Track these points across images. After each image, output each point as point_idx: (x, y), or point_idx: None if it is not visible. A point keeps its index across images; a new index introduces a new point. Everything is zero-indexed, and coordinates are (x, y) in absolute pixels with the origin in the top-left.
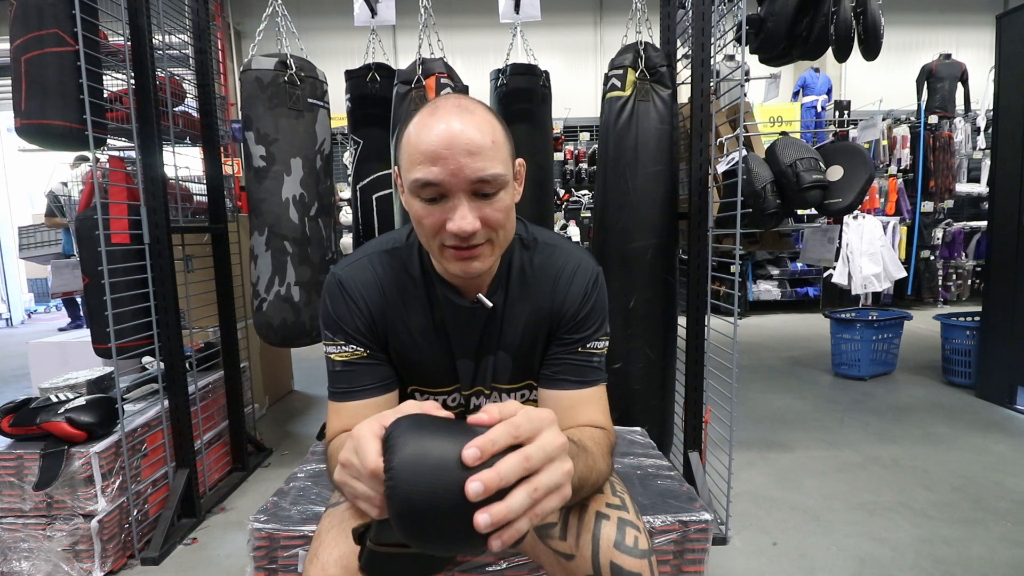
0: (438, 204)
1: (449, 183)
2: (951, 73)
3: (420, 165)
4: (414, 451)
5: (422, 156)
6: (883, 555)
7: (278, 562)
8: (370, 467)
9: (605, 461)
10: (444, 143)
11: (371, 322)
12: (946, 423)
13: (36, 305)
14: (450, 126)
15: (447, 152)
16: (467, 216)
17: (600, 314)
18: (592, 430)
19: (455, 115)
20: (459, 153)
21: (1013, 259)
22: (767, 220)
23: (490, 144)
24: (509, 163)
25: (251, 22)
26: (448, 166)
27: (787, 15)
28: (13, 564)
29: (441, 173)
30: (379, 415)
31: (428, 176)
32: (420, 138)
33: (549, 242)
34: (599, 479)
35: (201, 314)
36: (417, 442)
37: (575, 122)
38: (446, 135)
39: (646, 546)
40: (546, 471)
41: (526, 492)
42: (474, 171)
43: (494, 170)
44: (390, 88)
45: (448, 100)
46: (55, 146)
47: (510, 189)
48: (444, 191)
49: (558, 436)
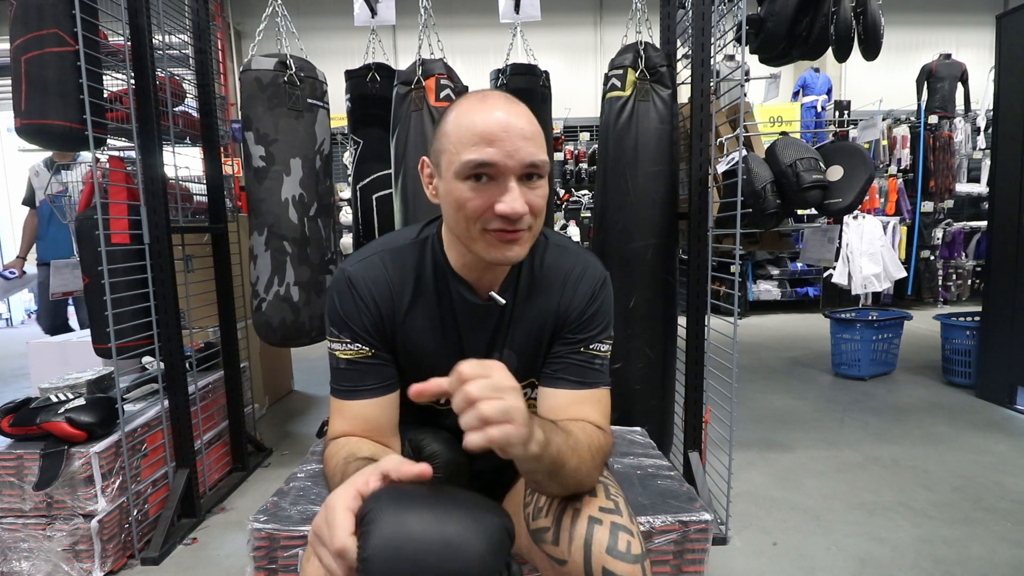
0: (486, 186)
1: (504, 164)
2: (951, 73)
3: (475, 146)
4: (392, 537)
5: (477, 137)
6: (883, 555)
7: (278, 562)
8: (336, 546)
9: (591, 454)
10: (501, 126)
11: (379, 321)
12: (946, 423)
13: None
14: (505, 112)
15: (504, 135)
16: (519, 198)
17: (605, 317)
18: (583, 423)
19: (505, 104)
20: (515, 136)
21: (1013, 259)
22: (767, 220)
23: (538, 133)
24: (549, 155)
25: (251, 22)
26: (504, 147)
27: (787, 15)
28: (13, 564)
29: (497, 154)
30: (356, 479)
31: (484, 156)
32: (474, 121)
33: (559, 243)
34: (583, 469)
35: (201, 314)
36: (395, 527)
37: (575, 122)
38: (503, 120)
39: (639, 551)
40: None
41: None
42: (528, 154)
43: (543, 156)
44: (390, 88)
45: (494, 92)
46: (55, 146)
47: (548, 180)
48: (497, 172)
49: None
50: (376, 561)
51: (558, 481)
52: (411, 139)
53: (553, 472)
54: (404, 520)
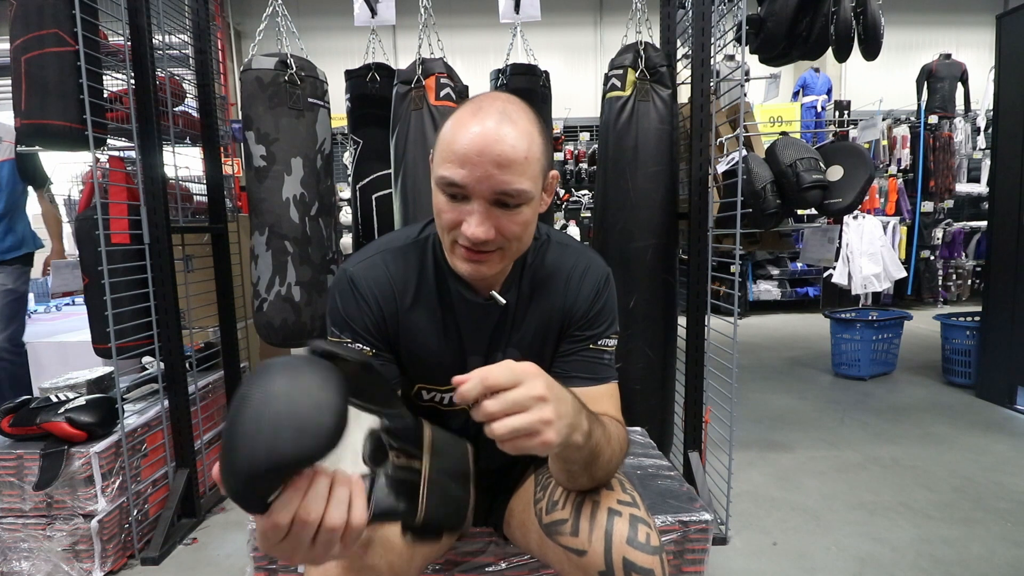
0: (459, 204)
1: (472, 188)
2: (951, 73)
3: (449, 163)
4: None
5: (453, 155)
6: (883, 555)
7: (278, 562)
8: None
9: (620, 446)
10: (476, 149)
11: (380, 321)
12: (946, 423)
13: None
14: (487, 132)
15: (477, 159)
16: (483, 224)
17: (610, 313)
18: (608, 416)
19: (495, 121)
20: (488, 162)
21: (1013, 259)
22: (767, 220)
23: (522, 159)
24: (539, 178)
25: (251, 22)
26: (475, 172)
27: (787, 15)
28: (13, 564)
29: (467, 177)
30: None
31: (454, 177)
32: (455, 136)
33: (561, 241)
34: (614, 461)
35: (201, 314)
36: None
37: (575, 122)
38: (480, 141)
39: (657, 543)
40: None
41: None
42: (500, 183)
43: (519, 185)
44: (390, 88)
45: (494, 103)
46: (55, 146)
47: (534, 204)
48: (466, 194)
49: (537, 388)
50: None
51: (590, 473)
52: (411, 138)
53: (589, 463)
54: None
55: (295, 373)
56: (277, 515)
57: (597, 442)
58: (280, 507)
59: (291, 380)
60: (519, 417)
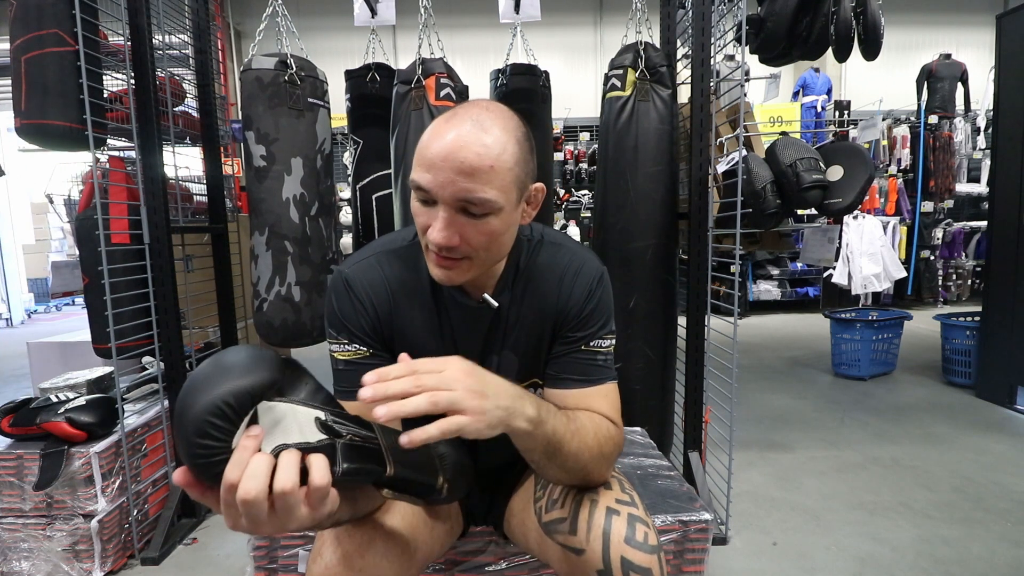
0: (429, 208)
1: (436, 194)
2: (951, 73)
3: (419, 167)
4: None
5: (423, 160)
6: (883, 555)
7: (278, 562)
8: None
9: (598, 442)
10: (442, 155)
11: (376, 322)
12: (946, 423)
13: (36, 305)
14: (455, 139)
15: (442, 164)
16: (445, 230)
17: (604, 313)
18: (591, 413)
19: (466, 129)
20: (451, 168)
21: (1013, 259)
22: (767, 220)
23: (487, 168)
24: (511, 189)
25: (251, 22)
26: (438, 178)
27: (787, 15)
28: (13, 564)
29: (432, 182)
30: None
31: (421, 181)
32: (429, 142)
33: (554, 241)
34: (586, 455)
35: (201, 314)
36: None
37: (575, 122)
38: (446, 148)
39: (655, 542)
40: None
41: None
42: (461, 190)
43: (483, 195)
44: (390, 88)
45: (470, 110)
46: (55, 146)
47: (505, 215)
48: (432, 198)
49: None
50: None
51: (558, 463)
52: (411, 138)
53: (550, 453)
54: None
55: (232, 348)
56: (230, 475)
57: (554, 431)
58: (231, 467)
59: (227, 350)
60: (428, 395)
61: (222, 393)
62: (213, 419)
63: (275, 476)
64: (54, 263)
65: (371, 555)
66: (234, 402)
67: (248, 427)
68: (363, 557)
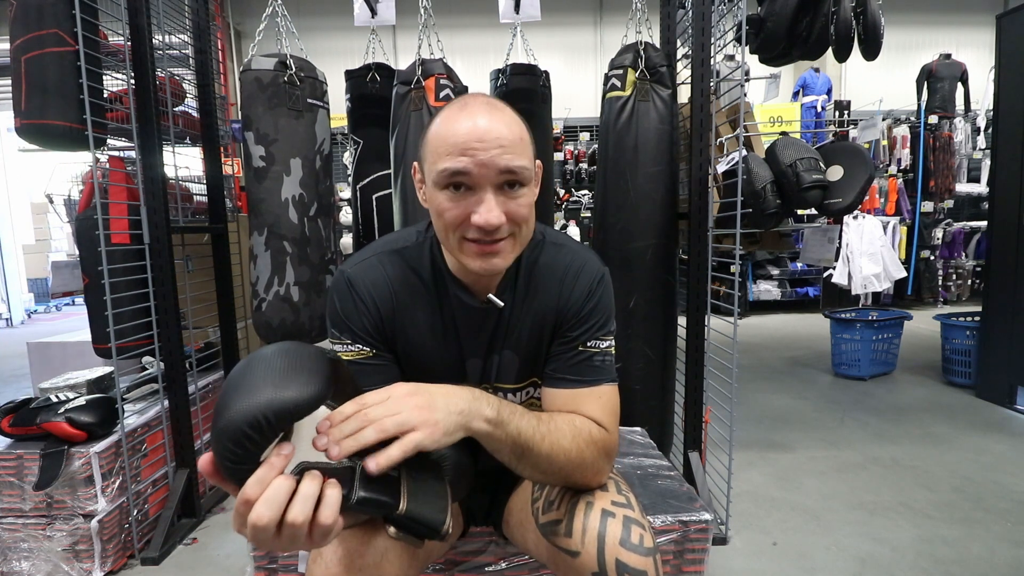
0: (463, 197)
1: (478, 174)
2: (951, 73)
3: (449, 155)
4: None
5: (452, 147)
6: (883, 555)
7: (278, 562)
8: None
9: (578, 445)
10: (476, 136)
11: (379, 322)
12: (946, 423)
13: (36, 305)
14: (482, 120)
15: (479, 144)
16: (493, 209)
17: (602, 313)
18: (574, 415)
19: (484, 111)
20: (490, 144)
21: (1013, 259)
22: (767, 220)
23: (518, 139)
24: (532, 161)
25: (251, 22)
26: (478, 156)
27: (787, 15)
28: (13, 564)
29: (471, 163)
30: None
31: (458, 166)
32: (450, 130)
33: (556, 241)
34: (562, 457)
35: (201, 314)
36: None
37: (575, 122)
38: (478, 128)
39: (651, 544)
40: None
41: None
42: (504, 161)
43: (521, 162)
44: (390, 88)
45: (477, 98)
46: (55, 146)
47: (532, 188)
48: (472, 182)
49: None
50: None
51: (530, 464)
52: (411, 139)
53: (519, 453)
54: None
55: (289, 346)
56: (249, 490)
57: (519, 432)
58: (252, 483)
59: (284, 349)
60: (374, 426)
61: (265, 405)
62: (249, 431)
63: (290, 506)
64: (54, 263)
65: (371, 555)
66: (274, 419)
67: (280, 443)
68: (363, 557)
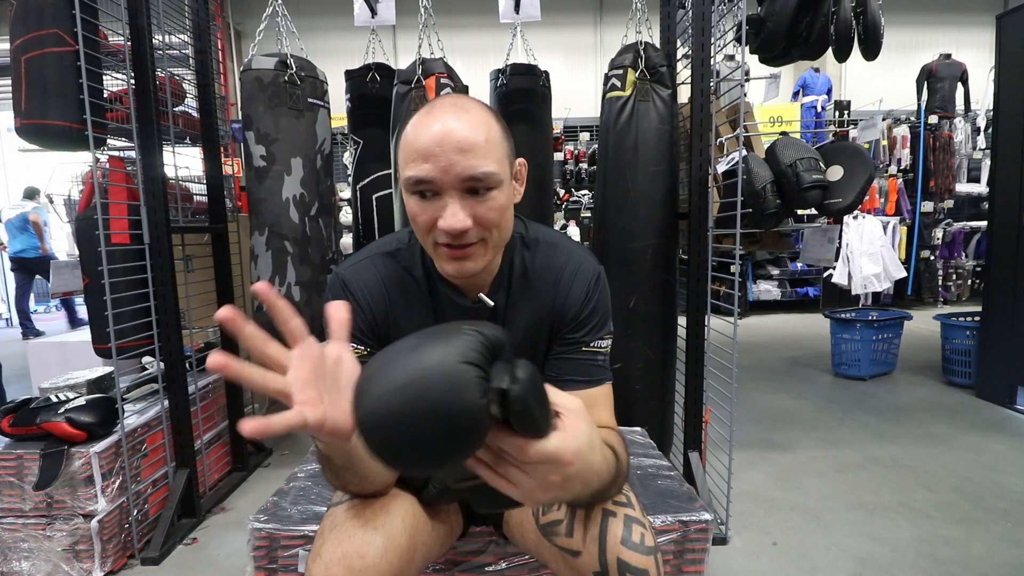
0: (431, 202)
1: (440, 180)
2: (951, 73)
3: (413, 163)
4: (370, 395)
5: (415, 154)
6: (883, 555)
7: (278, 562)
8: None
9: (607, 464)
10: (436, 141)
11: (373, 322)
12: (946, 423)
13: (36, 305)
14: (443, 124)
15: (438, 149)
16: (457, 214)
17: (602, 313)
18: (607, 431)
19: (450, 113)
20: (450, 150)
21: (1013, 259)
22: (767, 220)
23: (482, 142)
24: (505, 162)
25: (251, 22)
26: (439, 163)
27: (787, 15)
28: (13, 564)
29: (432, 170)
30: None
31: (420, 173)
32: (415, 136)
33: (551, 241)
34: (599, 483)
35: (201, 314)
36: (372, 386)
37: (575, 122)
38: (438, 133)
39: (652, 543)
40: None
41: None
42: (464, 168)
43: (485, 168)
44: (390, 88)
45: (445, 100)
46: (55, 146)
47: (506, 189)
48: (436, 188)
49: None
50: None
51: (573, 495)
52: None
53: (581, 490)
54: (379, 376)
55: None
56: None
57: (597, 476)
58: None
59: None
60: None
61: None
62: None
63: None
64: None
65: (371, 555)
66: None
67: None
68: (363, 557)
